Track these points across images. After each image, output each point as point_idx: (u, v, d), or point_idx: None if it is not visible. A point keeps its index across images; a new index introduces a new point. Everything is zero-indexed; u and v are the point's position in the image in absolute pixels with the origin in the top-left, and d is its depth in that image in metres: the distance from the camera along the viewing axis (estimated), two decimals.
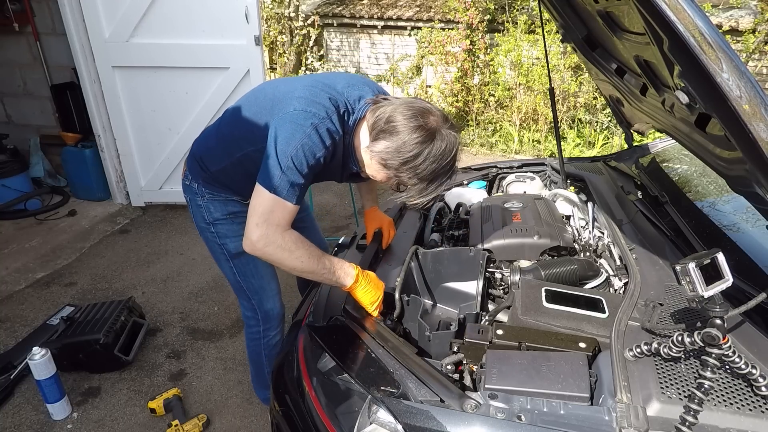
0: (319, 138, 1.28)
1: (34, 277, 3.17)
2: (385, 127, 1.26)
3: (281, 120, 1.29)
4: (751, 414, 0.90)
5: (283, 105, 1.32)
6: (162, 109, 3.87)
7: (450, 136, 1.26)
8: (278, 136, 1.28)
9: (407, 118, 1.24)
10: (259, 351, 1.90)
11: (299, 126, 1.26)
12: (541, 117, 6.30)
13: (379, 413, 1.04)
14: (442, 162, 1.25)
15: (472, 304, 1.41)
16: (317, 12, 8.40)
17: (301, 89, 1.34)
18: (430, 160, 1.24)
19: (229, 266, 1.71)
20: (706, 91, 0.93)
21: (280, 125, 1.28)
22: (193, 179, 1.63)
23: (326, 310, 1.44)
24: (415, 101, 1.30)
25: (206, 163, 1.59)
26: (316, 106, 1.29)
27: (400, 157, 1.24)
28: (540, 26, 5.69)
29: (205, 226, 1.67)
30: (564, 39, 2.01)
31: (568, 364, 1.07)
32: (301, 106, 1.29)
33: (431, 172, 1.26)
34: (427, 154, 1.23)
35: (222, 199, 1.62)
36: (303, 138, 1.26)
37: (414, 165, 1.24)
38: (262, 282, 1.76)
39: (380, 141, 1.27)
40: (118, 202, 4.20)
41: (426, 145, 1.23)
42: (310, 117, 1.27)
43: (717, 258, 0.95)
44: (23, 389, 2.28)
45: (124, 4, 3.51)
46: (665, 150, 2.40)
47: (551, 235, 1.61)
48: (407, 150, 1.23)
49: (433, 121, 1.25)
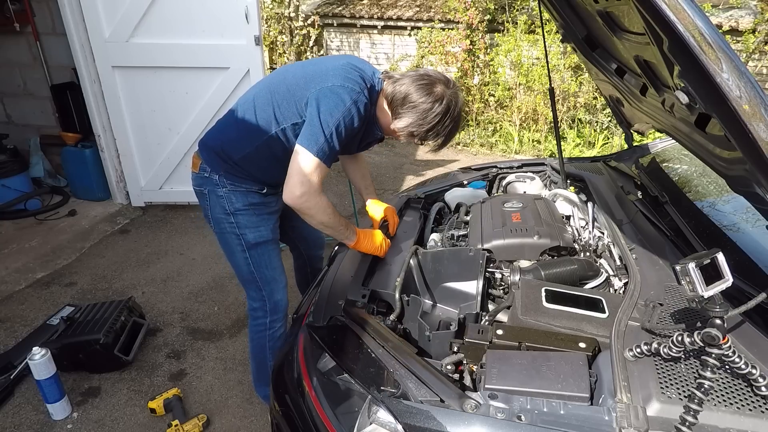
0: (357, 110, 1.47)
1: (34, 277, 3.17)
2: (403, 104, 1.50)
3: (322, 93, 1.45)
4: (751, 414, 0.90)
5: (319, 81, 1.48)
6: (162, 109, 3.87)
7: (456, 96, 1.52)
8: (321, 107, 1.44)
9: (421, 95, 1.48)
10: (263, 344, 1.92)
11: (341, 99, 1.44)
12: (541, 117, 6.30)
13: (379, 413, 1.04)
14: (456, 117, 1.54)
15: (472, 304, 1.41)
16: (317, 12, 8.40)
17: (333, 69, 1.50)
18: (448, 121, 1.51)
19: (245, 257, 1.77)
20: (706, 91, 0.93)
21: (322, 98, 1.45)
22: (213, 171, 1.69)
23: (326, 310, 1.44)
24: (420, 77, 1.51)
25: (229, 153, 1.66)
26: (351, 82, 1.47)
27: (424, 128, 1.50)
28: (540, 26, 5.69)
29: (224, 217, 1.73)
30: (564, 39, 2.01)
31: (568, 364, 1.07)
32: (339, 81, 1.46)
33: (451, 129, 1.55)
34: (444, 117, 1.50)
35: (243, 190, 1.70)
36: (344, 110, 1.44)
37: (437, 129, 1.52)
38: (275, 273, 1.84)
39: (402, 118, 1.51)
40: (118, 202, 4.20)
41: (443, 113, 1.49)
42: (349, 91, 1.45)
43: (717, 258, 0.95)
44: (23, 389, 2.28)
45: (124, 4, 3.51)
46: (665, 150, 2.40)
47: (551, 235, 1.61)
48: (429, 121, 1.49)
49: (440, 89, 1.49)
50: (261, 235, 1.76)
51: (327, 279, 1.62)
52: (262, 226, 1.77)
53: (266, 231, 1.78)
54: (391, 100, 1.52)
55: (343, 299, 1.43)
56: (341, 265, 1.68)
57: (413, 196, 2.13)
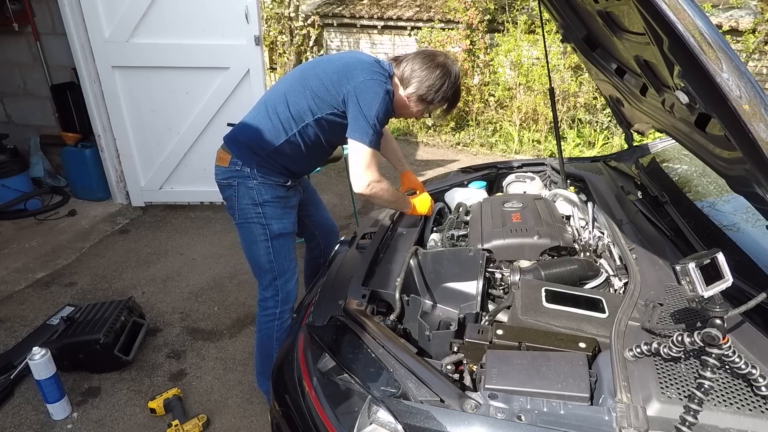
0: (389, 98, 1.67)
1: (34, 277, 3.17)
2: (411, 75, 1.71)
3: (359, 89, 1.62)
4: (751, 414, 0.90)
5: (351, 77, 1.64)
6: (162, 109, 3.87)
7: (454, 64, 1.75)
8: (361, 102, 1.62)
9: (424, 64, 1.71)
10: (271, 334, 1.97)
11: (376, 92, 1.62)
12: (541, 117, 6.30)
13: (379, 413, 1.04)
14: (455, 82, 1.74)
15: (472, 304, 1.41)
16: (317, 12, 8.40)
17: (359, 64, 1.67)
18: (448, 85, 1.72)
19: (267, 246, 1.88)
20: (706, 91, 0.93)
21: (359, 93, 1.62)
22: (245, 164, 1.80)
23: (326, 310, 1.44)
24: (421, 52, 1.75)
25: (262, 145, 1.79)
26: (377, 74, 1.65)
27: (432, 90, 1.70)
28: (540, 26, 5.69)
29: (251, 207, 1.83)
30: (564, 39, 2.01)
31: (568, 364, 1.07)
32: (369, 75, 1.63)
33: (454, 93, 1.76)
34: (447, 80, 1.71)
35: (272, 183, 1.83)
36: (380, 101, 1.62)
37: (443, 90, 1.72)
38: (291, 264, 1.96)
39: (411, 84, 1.72)
40: (118, 202, 4.20)
41: (447, 76, 1.71)
42: (379, 83, 1.63)
43: (717, 258, 0.95)
44: (23, 389, 2.28)
45: (124, 5, 3.51)
46: (665, 150, 2.40)
47: (551, 235, 1.61)
48: (436, 84, 1.70)
49: (441, 58, 1.73)
50: (284, 227, 1.89)
51: (327, 279, 1.63)
52: (286, 219, 1.90)
53: (289, 223, 1.92)
54: (401, 76, 1.73)
55: (343, 299, 1.43)
56: (341, 265, 1.68)
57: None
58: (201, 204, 4.24)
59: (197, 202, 4.24)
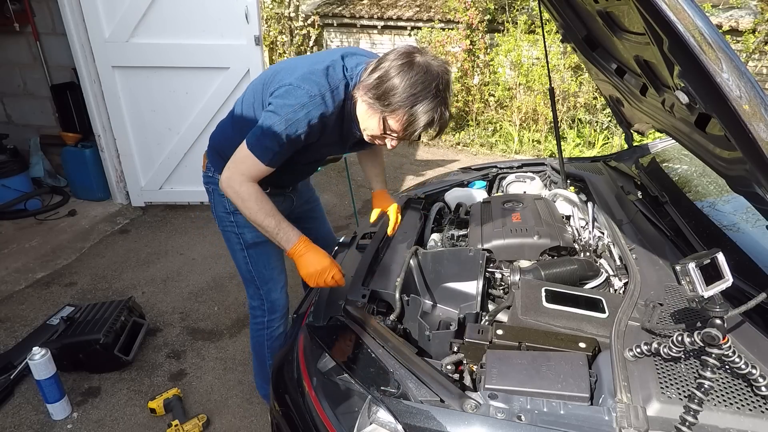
0: (305, 115, 1.36)
1: (34, 277, 3.17)
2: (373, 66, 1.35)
3: (277, 91, 1.39)
4: (751, 414, 0.90)
5: (283, 78, 1.41)
6: (162, 109, 3.87)
7: (434, 61, 1.31)
8: (271, 104, 1.39)
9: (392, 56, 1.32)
10: (262, 342, 1.94)
11: (289, 99, 1.36)
12: (541, 117, 6.30)
13: (379, 413, 1.04)
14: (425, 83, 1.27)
15: (472, 304, 1.41)
16: (317, 12, 8.40)
17: (304, 66, 1.41)
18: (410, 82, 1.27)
19: (244, 255, 1.79)
20: (706, 91, 0.93)
21: (275, 96, 1.38)
22: (216, 171, 1.70)
23: (326, 310, 1.44)
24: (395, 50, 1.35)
25: (227, 153, 1.62)
26: (310, 83, 1.36)
27: (382, 86, 1.29)
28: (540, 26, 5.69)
29: (225, 215, 1.75)
30: (564, 39, 2.01)
31: (568, 364, 1.07)
32: (296, 81, 1.36)
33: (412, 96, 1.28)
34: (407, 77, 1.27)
35: None
36: (289, 112, 1.35)
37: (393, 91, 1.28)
38: (273, 273, 1.84)
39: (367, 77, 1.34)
40: (118, 202, 4.20)
41: (406, 71, 1.28)
42: (300, 95, 1.35)
43: (717, 258, 0.95)
44: (23, 389, 2.28)
45: (124, 5, 3.51)
46: (665, 150, 2.40)
47: (551, 235, 1.61)
48: (389, 78, 1.28)
49: (417, 55, 1.31)
50: (259, 235, 1.71)
51: None
52: None
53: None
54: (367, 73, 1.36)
55: (343, 299, 1.43)
56: (341, 266, 1.68)
57: (413, 196, 2.13)
58: (201, 204, 4.24)
59: (197, 202, 4.24)
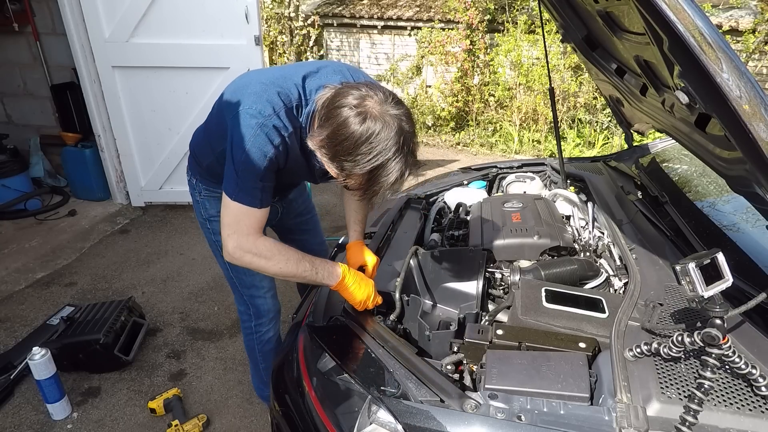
0: (266, 137, 1.23)
1: (34, 277, 3.17)
2: (323, 112, 1.17)
3: (232, 120, 1.26)
4: (751, 414, 0.90)
5: (236, 102, 1.28)
6: (162, 109, 3.87)
7: (391, 107, 1.13)
8: (232, 139, 1.25)
9: (343, 103, 1.13)
10: (252, 346, 1.93)
11: (246, 127, 1.23)
12: (541, 117, 6.30)
13: (379, 413, 1.04)
14: (385, 141, 1.10)
15: (472, 304, 1.41)
16: (317, 12, 8.39)
17: (255, 84, 1.28)
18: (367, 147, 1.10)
19: (223, 261, 1.69)
20: (706, 91, 0.93)
21: (232, 126, 1.26)
22: (192, 175, 1.67)
23: (326, 310, 1.44)
24: (359, 84, 1.19)
25: (199, 158, 1.61)
26: (261, 102, 1.24)
27: (333, 146, 1.14)
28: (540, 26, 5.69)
29: (203, 222, 1.73)
30: (564, 39, 2.01)
31: (568, 364, 1.07)
32: (248, 104, 1.25)
33: (367, 161, 1.11)
34: (361, 140, 1.09)
35: (217, 196, 1.58)
36: (250, 139, 1.22)
37: (347, 155, 1.12)
38: (254, 279, 1.76)
39: (318, 128, 1.18)
40: (118, 202, 4.20)
41: (357, 128, 1.10)
42: (254, 116, 1.23)
43: (717, 258, 0.95)
44: (23, 389, 2.28)
45: (124, 5, 3.51)
46: (665, 150, 2.40)
47: (551, 235, 1.61)
48: (340, 138, 1.11)
49: (369, 103, 1.12)
50: None
51: None
52: None
53: None
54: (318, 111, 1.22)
55: (343, 299, 1.43)
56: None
57: (413, 196, 2.13)
58: None
59: None
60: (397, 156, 1.14)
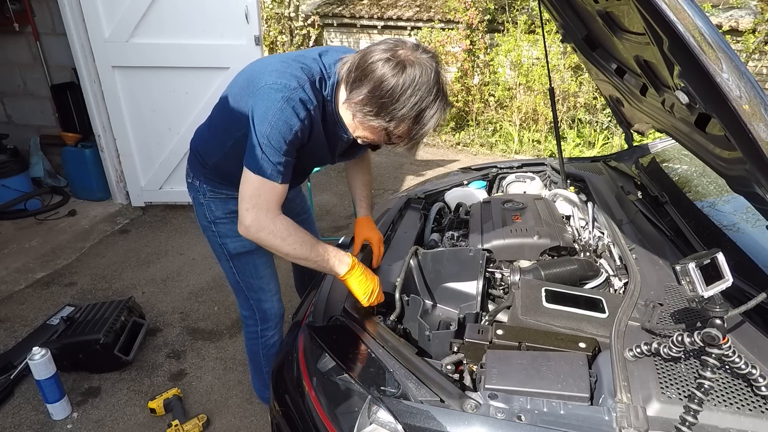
0: (292, 110, 1.24)
1: (34, 277, 3.17)
2: (355, 75, 1.20)
3: (255, 97, 1.26)
4: (751, 414, 0.90)
5: (256, 81, 1.29)
6: (162, 109, 3.87)
7: (422, 54, 1.17)
8: (255, 114, 1.25)
9: (375, 59, 1.17)
10: (257, 350, 1.90)
11: (271, 101, 1.23)
12: (541, 117, 6.30)
13: (379, 413, 1.04)
14: (427, 84, 1.16)
15: (472, 304, 1.41)
16: (317, 12, 8.40)
17: (275, 63, 1.30)
18: (411, 90, 1.15)
19: (229, 266, 1.71)
20: (706, 91, 0.93)
21: (255, 103, 1.26)
22: (195, 176, 1.63)
23: (326, 310, 1.44)
24: (382, 41, 1.22)
25: (204, 157, 1.58)
26: (286, 77, 1.25)
27: (377, 101, 1.16)
28: (540, 26, 5.69)
29: (206, 225, 1.68)
30: (564, 39, 2.01)
31: (568, 364, 1.07)
32: (272, 79, 1.25)
33: (413, 106, 1.16)
34: (404, 85, 1.14)
35: (223, 197, 1.61)
36: (276, 113, 1.23)
37: (394, 104, 1.16)
38: (261, 282, 1.75)
39: (354, 91, 1.21)
40: (118, 202, 4.20)
41: (400, 76, 1.14)
42: (280, 89, 1.23)
43: (717, 258, 0.95)
44: (23, 389, 2.28)
45: (124, 5, 3.51)
46: (665, 150, 2.40)
47: (551, 235, 1.61)
48: (384, 90, 1.15)
49: (402, 52, 1.16)
50: (243, 245, 1.65)
51: (327, 279, 1.62)
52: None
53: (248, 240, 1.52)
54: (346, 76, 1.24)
55: (343, 299, 1.43)
56: None
57: (413, 196, 2.13)
58: None
59: None
60: (439, 96, 1.20)
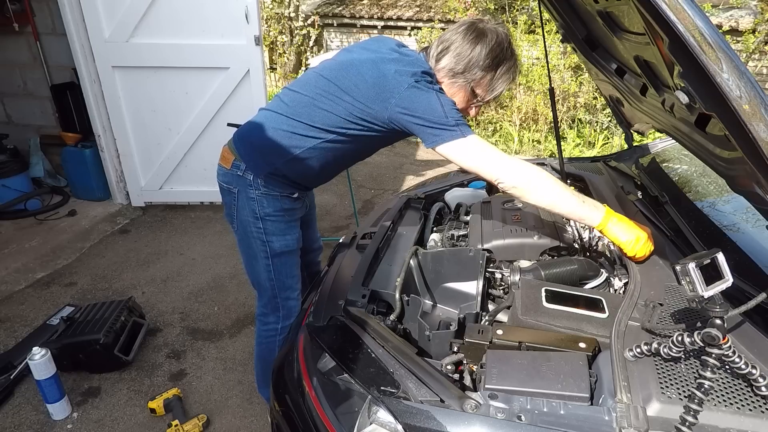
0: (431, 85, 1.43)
1: (34, 277, 3.17)
2: (441, 47, 1.49)
3: (404, 99, 1.38)
4: (751, 414, 0.90)
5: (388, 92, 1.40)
6: (162, 109, 3.87)
7: (496, 25, 1.48)
8: (415, 114, 1.38)
9: (457, 31, 1.48)
10: (273, 348, 1.89)
11: (422, 93, 1.38)
12: (541, 117, 6.30)
13: (379, 413, 1.04)
14: (500, 47, 1.46)
15: (472, 304, 1.41)
16: (317, 12, 8.40)
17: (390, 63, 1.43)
18: (487, 50, 1.44)
19: (267, 264, 1.72)
20: (706, 91, 0.93)
21: (410, 104, 1.38)
22: (249, 169, 1.60)
23: (326, 310, 1.44)
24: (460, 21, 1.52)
25: (278, 152, 1.56)
26: (411, 65, 1.43)
27: (463, 61, 1.46)
28: (540, 26, 5.69)
29: (252, 220, 1.65)
30: (564, 39, 2.01)
31: (568, 364, 1.07)
32: (407, 80, 1.39)
33: (494, 60, 1.46)
34: (483, 46, 1.44)
35: (276, 194, 1.62)
36: (432, 96, 1.38)
37: (477, 60, 1.45)
38: (293, 282, 1.82)
39: (441, 60, 1.49)
40: (118, 202, 4.20)
41: (480, 40, 1.44)
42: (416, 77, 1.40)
43: (717, 258, 0.95)
44: (23, 389, 2.28)
45: (124, 5, 3.51)
46: (665, 150, 2.40)
47: (551, 235, 1.61)
48: (466, 51, 1.45)
49: (479, 23, 1.48)
50: (287, 244, 1.71)
51: (327, 279, 1.62)
52: (289, 234, 1.72)
53: (292, 239, 1.71)
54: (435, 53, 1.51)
55: (343, 299, 1.43)
56: (341, 265, 1.68)
57: (413, 196, 2.13)
58: (201, 204, 4.24)
59: (197, 202, 4.24)
60: (512, 57, 1.50)
